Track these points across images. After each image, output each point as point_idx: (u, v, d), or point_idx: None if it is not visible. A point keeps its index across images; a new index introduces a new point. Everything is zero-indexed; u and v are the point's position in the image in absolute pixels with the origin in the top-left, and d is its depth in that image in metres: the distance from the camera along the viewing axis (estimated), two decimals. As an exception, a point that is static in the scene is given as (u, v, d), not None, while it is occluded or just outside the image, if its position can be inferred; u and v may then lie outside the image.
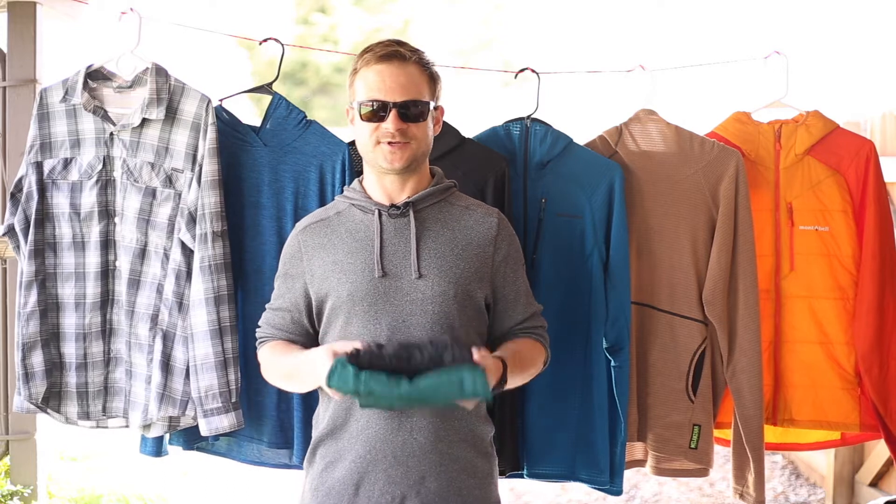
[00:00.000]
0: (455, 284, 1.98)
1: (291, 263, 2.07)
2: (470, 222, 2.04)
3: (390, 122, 1.96)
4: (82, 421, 2.51)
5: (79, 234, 2.46)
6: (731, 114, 2.73)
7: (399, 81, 1.97)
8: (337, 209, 2.08)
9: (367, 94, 1.98)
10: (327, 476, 2.00)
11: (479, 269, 2.02)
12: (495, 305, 2.07)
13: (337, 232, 2.03)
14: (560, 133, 2.54)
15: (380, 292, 1.97)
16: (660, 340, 2.60)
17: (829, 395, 2.70)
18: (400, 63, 1.98)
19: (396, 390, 1.74)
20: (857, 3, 4.10)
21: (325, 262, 2.02)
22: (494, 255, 2.04)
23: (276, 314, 2.09)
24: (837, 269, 2.68)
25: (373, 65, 1.98)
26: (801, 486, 4.72)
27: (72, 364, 2.47)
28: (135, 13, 2.48)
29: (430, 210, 2.03)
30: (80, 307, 2.46)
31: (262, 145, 2.48)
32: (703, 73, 3.03)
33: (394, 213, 2.01)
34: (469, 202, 2.09)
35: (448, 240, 2.01)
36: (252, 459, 2.59)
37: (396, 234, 2.00)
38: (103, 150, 2.44)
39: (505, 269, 2.06)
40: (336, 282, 1.99)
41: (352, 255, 2.00)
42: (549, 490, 4.61)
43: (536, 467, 2.53)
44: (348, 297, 1.98)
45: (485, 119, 2.66)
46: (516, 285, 2.08)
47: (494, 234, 2.05)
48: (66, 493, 4.17)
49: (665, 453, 2.60)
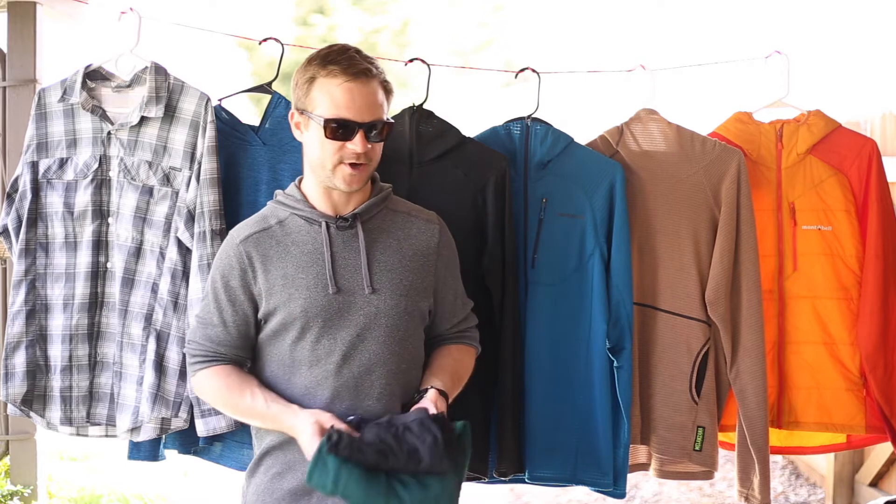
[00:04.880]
0: (406, 297, 1.99)
1: (232, 275, 1.99)
2: (413, 231, 2.04)
3: (357, 144, 1.91)
4: (63, 426, 2.47)
5: (71, 233, 2.44)
6: (733, 114, 2.72)
7: (368, 101, 1.92)
8: (278, 218, 2.01)
9: (334, 111, 1.91)
10: (275, 485, 1.97)
11: (425, 279, 2.03)
12: (435, 308, 2.08)
13: (283, 244, 1.98)
14: (561, 133, 2.54)
15: (335, 309, 1.95)
16: (662, 341, 2.59)
17: (833, 397, 2.69)
18: (367, 80, 1.92)
19: (372, 500, 1.79)
20: (857, 3, 4.10)
21: (272, 275, 1.96)
22: (437, 262, 2.05)
23: (220, 330, 1.99)
24: (841, 269, 2.67)
25: (340, 79, 1.91)
26: (801, 486, 4.72)
27: (56, 367, 2.44)
28: (134, 13, 2.47)
29: (374, 220, 2.02)
30: (69, 308, 2.44)
31: (261, 144, 2.48)
32: (704, 73, 3.03)
33: (342, 226, 1.98)
34: (408, 208, 2.08)
35: (395, 251, 2.00)
36: (243, 465, 2.55)
37: (345, 246, 1.97)
38: (100, 149, 2.43)
39: (445, 274, 2.08)
40: (287, 297, 1.95)
41: (303, 270, 1.96)
42: (548, 490, 4.61)
43: (538, 470, 2.51)
44: (302, 313, 1.94)
45: (485, 119, 2.66)
46: (454, 288, 2.10)
47: (437, 242, 2.06)
48: (66, 493, 4.17)
49: (669, 456, 2.59)
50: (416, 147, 2.45)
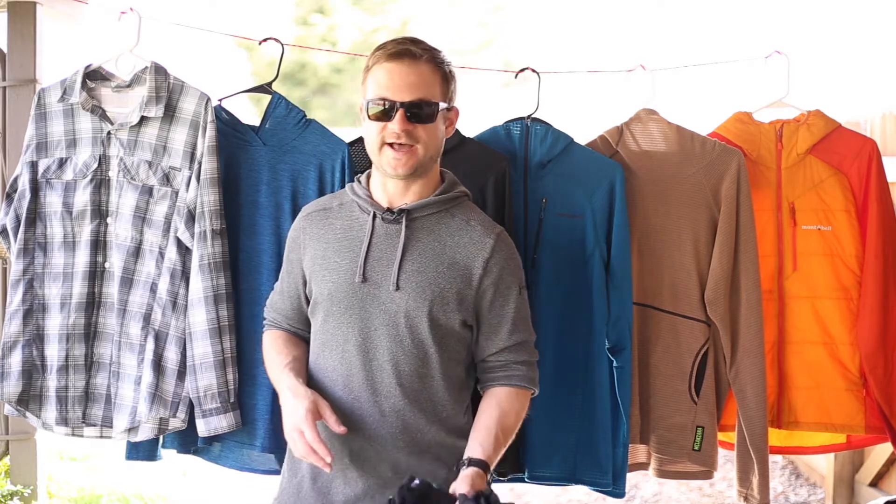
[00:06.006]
0: (430, 302, 1.93)
1: (293, 247, 2.08)
2: (464, 240, 1.97)
3: (396, 123, 1.91)
4: (59, 427, 2.47)
5: (70, 233, 2.45)
6: (733, 114, 2.73)
7: (408, 80, 1.92)
8: (341, 200, 2.07)
9: (376, 93, 1.93)
10: (298, 466, 2.02)
11: (461, 291, 1.95)
12: (478, 329, 1.99)
13: (333, 226, 2.02)
14: (561, 133, 2.54)
15: (357, 298, 1.95)
16: (662, 341, 2.59)
17: (833, 397, 2.69)
18: (411, 61, 1.92)
19: None
20: (857, 4, 4.10)
21: (316, 253, 2.01)
22: (483, 277, 1.95)
23: (279, 298, 2.11)
24: (840, 269, 2.67)
25: (383, 62, 1.93)
26: (801, 486, 4.72)
27: (53, 367, 2.44)
28: (134, 13, 2.48)
29: (425, 220, 1.98)
30: (66, 307, 2.44)
31: (262, 144, 2.48)
32: (704, 73, 3.03)
33: (387, 218, 1.97)
34: (472, 216, 2.01)
35: (435, 254, 1.95)
36: (242, 465, 2.56)
37: (386, 239, 1.97)
38: (100, 149, 2.43)
39: (493, 293, 1.96)
40: (321, 278, 1.99)
41: (339, 254, 1.98)
42: (549, 490, 4.60)
43: (537, 470, 2.52)
44: (328, 296, 1.97)
45: (485, 119, 2.65)
46: (503, 311, 1.97)
47: (487, 256, 1.96)
48: (66, 493, 4.17)
49: (668, 455, 2.59)
50: (415, 147, 2.44)
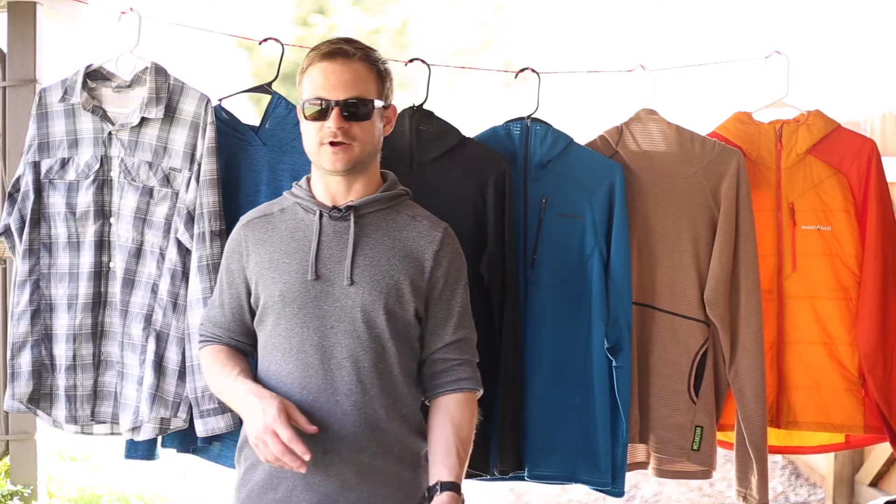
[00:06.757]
0: (385, 294, 1.94)
1: (232, 258, 2.04)
2: (413, 233, 2.00)
3: (332, 121, 1.92)
4: (68, 425, 2.48)
5: (74, 233, 2.45)
6: (732, 114, 2.72)
7: (343, 79, 1.92)
8: (282, 205, 2.05)
9: (311, 93, 1.94)
10: (248, 477, 1.99)
11: (415, 281, 1.97)
12: (426, 321, 2.01)
13: (277, 229, 2.01)
14: (560, 133, 2.54)
15: (310, 296, 1.94)
16: (661, 341, 2.59)
17: (832, 397, 2.69)
18: (345, 60, 1.93)
19: None
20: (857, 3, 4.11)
21: (262, 259, 1.99)
22: (434, 269, 1.98)
23: (218, 312, 2.06)
24: (840, 269, 2.67)
25: (318, 63, 1.94)
26: (801, 486, 4.72)
27: (61, 366, 2.45)
28: (135, 13, 2.48)
29: (373, 216, 1.99)
30: (73, 307, 2.44)
31: (262, 144, 2.48)
32: (704, 73, 3.03)
33: (335, 216, 1.97)
34: (417, 212, 2.04)
35: (386, 248, 1.97)
36: None
37: (335, 237, 1.97)
38: (101, 149, 2.44)
39: (442, 285, 2.00)
40: (270, 281, 1.97)
41: (288, 255, 1.97)
42: (548, 490, 4.61)
43: (537, 469, 2.52)
44: (280, 297, 1.95)
45: (485, 119, 2.65)
46: (450, 305, 2.01)
47: (437, 248, 1.99)
48: (66, 493, 4.17)
49: (667, 455, 2.59)
50: (415, 147, 2.45)
